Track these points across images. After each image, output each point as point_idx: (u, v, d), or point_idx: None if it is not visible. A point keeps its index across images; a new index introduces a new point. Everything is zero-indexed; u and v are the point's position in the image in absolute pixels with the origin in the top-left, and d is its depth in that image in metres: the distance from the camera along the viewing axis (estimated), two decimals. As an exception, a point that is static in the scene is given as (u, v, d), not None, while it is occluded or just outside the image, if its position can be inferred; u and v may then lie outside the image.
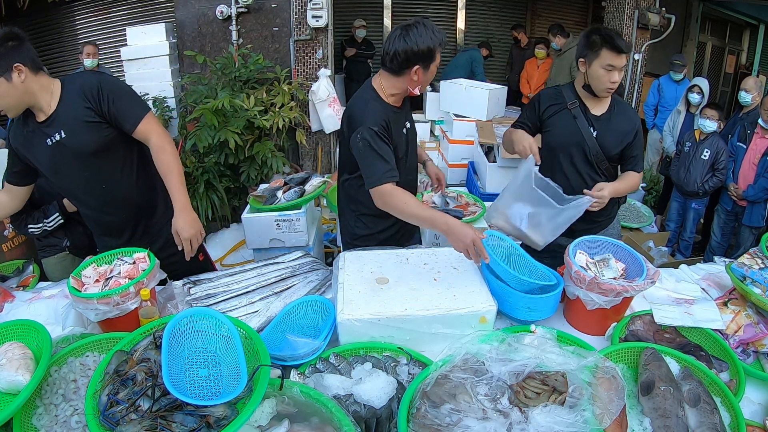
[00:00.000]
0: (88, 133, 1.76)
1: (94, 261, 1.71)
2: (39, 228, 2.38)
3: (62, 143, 1.76)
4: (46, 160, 1.80)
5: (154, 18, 5.32)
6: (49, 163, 1.80)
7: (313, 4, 4.60)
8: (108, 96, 1.74)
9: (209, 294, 1.76)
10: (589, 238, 1.80)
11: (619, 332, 1.60)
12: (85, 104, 1.73)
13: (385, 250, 1.80)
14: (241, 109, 4.37)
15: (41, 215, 2.38)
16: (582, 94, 2.14)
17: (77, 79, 1.79)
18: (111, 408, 1.09)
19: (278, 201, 2.61)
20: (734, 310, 1.66)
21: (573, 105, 2.12)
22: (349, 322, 1.45)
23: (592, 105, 2.14)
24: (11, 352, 1.23)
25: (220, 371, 1.19)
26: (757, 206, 3.63)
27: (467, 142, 5.06)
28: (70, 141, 1.76)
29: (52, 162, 1.80)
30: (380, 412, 1.24)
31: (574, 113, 2.12)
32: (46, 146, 1.76)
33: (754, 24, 7.91)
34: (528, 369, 1.24)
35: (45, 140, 1.76)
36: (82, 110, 1.74)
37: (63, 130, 1.74)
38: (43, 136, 1.76)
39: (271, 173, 4.57)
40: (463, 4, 7.34)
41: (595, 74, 2.02)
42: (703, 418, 1.23)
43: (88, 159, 1.80)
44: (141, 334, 1.28)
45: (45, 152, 1.78)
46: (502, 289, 1.62)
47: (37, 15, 5.79)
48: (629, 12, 5.47)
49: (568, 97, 2.15)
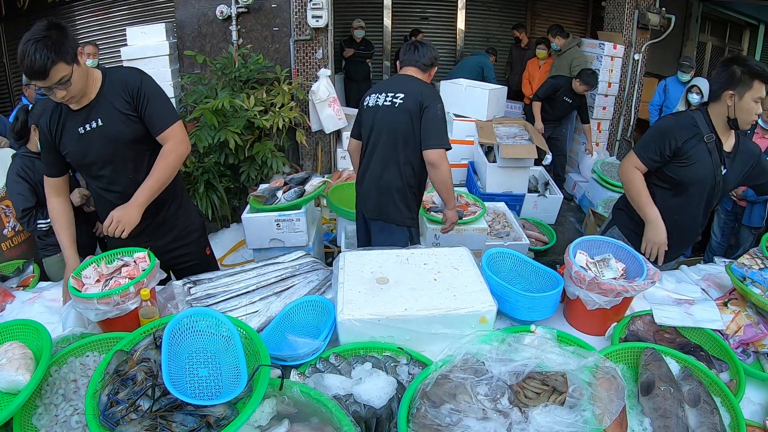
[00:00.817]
0: (123, 124, 1.82)
1: (94, 261, 1.71)
2: (48, 224, 2.37)
3: (97, 131, 1.81)
4: (74, 146, 1.83)
5: (154, 18, 5.32)
6: (77, 148, 1.83)
7: (313, 4, 4.60)
8: (146, 96, 1.82)
9: (209, 294, 1.77)
10: (589, 238, 1.80)
11: (619, 332, 1.60)
12: (125, 97, 1.81)
13: (385, 250, 1.80)
14: (241, 109, 4.37)
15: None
16: (719, 127, 2.00)
17: (121, 72, 1.88)
18: (111, 408, 1.09)
19: (278, 201, 2.61)
20: (734, 310, 1.67)
21: (710, 139, 1.99)
22: (349, 322, 1.45)
23: (724, 139, 2.03)
24: (11, 352, 1.23)
25: (220, 371, 1.19)
26: (757, 206, 3.62)
27: (467, 142, 5.06)
28: (106, 129, 1.81)
29: (82, 148, 1.83)
30: (380, 412, 1.24)
31: (709, 147, 1.99)
32: (78, 133, 1.81)
33: (754, 24, 7.91)
34: (528, 369, 1.24)
35: (78, 127, 1.81)
36: (121, 102, 1.81)
37: (100, 118, 1.80)
38: (77, 123, 1.81)
39: (271, 173, 4.56)
40: (463, 4, 7.34)
41: (746, 107, 1.92)
42: (703, 418, 1.23)
43: (120, 148, 1.85)
44: (141, 334, 1.28)
45: (75, 139, 1.82)
46: (502, 288, 1.62)
47: (37, 15, 5.79)
48: (629, 12, 5.47)
49: (703, 129, 2.00)
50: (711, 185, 2.04)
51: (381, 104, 2.42)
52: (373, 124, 2.44)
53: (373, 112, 2.44)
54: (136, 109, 1.82)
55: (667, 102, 5.17)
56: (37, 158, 2.41)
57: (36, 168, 2.39)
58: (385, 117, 2.40)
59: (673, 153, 2.01)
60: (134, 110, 1.82)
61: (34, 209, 2.37)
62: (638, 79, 5.71)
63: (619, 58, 5.47)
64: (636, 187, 2.07)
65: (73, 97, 1.73)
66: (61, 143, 1.84)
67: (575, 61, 5.26)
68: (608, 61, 5.42)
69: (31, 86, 3.81)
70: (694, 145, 1.99)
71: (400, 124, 2.36)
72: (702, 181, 2.03)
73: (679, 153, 2.01)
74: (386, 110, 2.40)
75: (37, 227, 2.37)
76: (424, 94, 2.36)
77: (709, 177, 2.02)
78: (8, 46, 6.00)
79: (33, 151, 2.41)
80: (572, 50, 5.34)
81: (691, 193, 2.06)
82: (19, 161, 2.40)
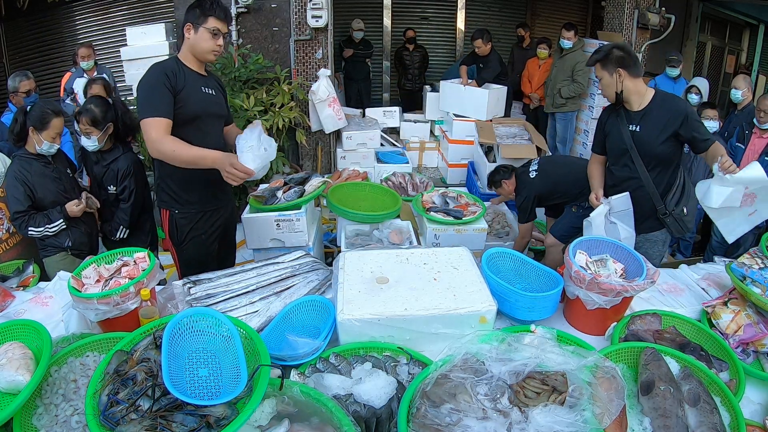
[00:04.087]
0: (224, 103, 2.30)
1: (94, 261, 1.71)
2: (40, 232, 2.39)
3: (211, 97, 2.17)
4: (197, 98, 2.10)
5: (154, 18, 5.32)
6: (199, 100, 2.10)
7: (313, 4, 4.60)
8: (227, 95, 2.38)
9: (209, 294, 1.77)
10: (589, 238, 1.80)
11: (619, 332, 1.60)
12: (220, 87, 2.30)
13: (385, 250, 1.80)
14: (240, 109, 4.37)
15: (44, 220, 2.39)
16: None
17: (211, 72, 2.31)
18: (111, 408, 1.09)
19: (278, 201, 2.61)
20: (734, 310, 1.66)
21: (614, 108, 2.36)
22: (349, 321, 1.45)
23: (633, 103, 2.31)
24: (11, 352, 1.23)
25: (220, 371, 1.19)
26: (758, 206, 3.62)
27: (467, 142, 5.06)
28: (216, 99, 2.21)
29: (202, 102, 2.12)
30: (380, 412, 1.24)
31: (618, 114, 2.33)
32: (201, 91, 2.13)
33: (754, 24, 7.91)
34: (528, 369, 1.24)
35: (201, 86, 2.13)
36: (220, 89, 2.28)
37: (213, 90, 2.19)
38: (200, 84, 2.13)
39: (271, 173, 4.56)
40: (463, 4, 7.34)
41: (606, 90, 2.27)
42: (703, 417, 1.23)
43: (219, 118, 2.26)
44: (141, 334, 1.28)
45: (199, 93, 2.11)
46: (502, 288, 1.62)
47: (37, 15, 5.79)
48: (629, 12, 5.47)
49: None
50: (628, 145, 2.25)
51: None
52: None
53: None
54: (225, 99, 2.31)
55: None
56: (35, 159, 2.41)
57: (33, 170, 2.39)
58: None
59: (603, 134, 2.40)
60: (225, 98, 2.31)
61: (26, 214, 2.37)
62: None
63: (619, 58, 5.46)
64: (589, 172, 2.52)
65: (220, 53, 2.12)
66: (186, 95, 2.05)
67: (578, 65, 5.24)
68: (608, 61, 5.41)
69: (18, 93, 3.78)
70: (606, 118, 2.38)
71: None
72: (616, 144, 2.30)
73: (603, 129, 2.39)
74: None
75: (28, 233, 2.38)
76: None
77: (619, 138, 2.28)
78: (8, 46, 6.00)
79: (31, 152, 2.41)
80: (576, 53, 5.30)
81: (621, 161, 2.32)
82: (16, 163, 2.41)
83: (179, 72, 2.05)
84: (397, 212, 2.77)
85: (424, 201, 2.97)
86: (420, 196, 3.02)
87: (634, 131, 2.24)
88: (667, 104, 2.21)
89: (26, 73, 3.87)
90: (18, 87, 3.77)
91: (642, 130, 2.22)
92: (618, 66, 2.18)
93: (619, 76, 2.19)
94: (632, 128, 2.25)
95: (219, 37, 2.05)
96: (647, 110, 2.22)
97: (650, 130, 2.20)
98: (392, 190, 3.15)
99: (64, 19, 5.85)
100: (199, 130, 2.11)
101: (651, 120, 2.20)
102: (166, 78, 1.98)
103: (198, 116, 2.10)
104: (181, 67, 2.08)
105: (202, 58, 2.12)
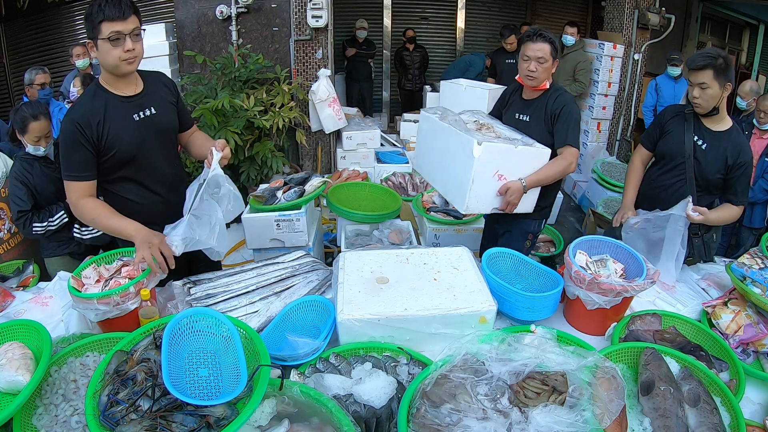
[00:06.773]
0: (171, 113, 1.95)
1: (94, 261, 1.71)
2: (43, 227, 2.38)
3: (151, 118, 1.86)
4: (130, 133, 1.80)
5: (154, 18, 5.31)
6: (133, 136, 1.81)
7: (313, 4, 4.60)
8: (179, 94, 2.03)
9: (209, 294, 1.76)
10: (589, 238, 1.80)
11: (619, 332, 1.60)
12: (167, 89, 1.96)
13: (385, 250, 1.80)
14: (240, 109, 4.37)
15: (46, 214, 2.39)
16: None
17: (152, 73, 1.97)
18: (111, 408, 1.09)
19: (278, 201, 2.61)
20: (734, 310, 1.67)
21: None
22: (349, 322, 1.45)
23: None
24: (11, 352, 1.23)
25: (220, 371, 1.19)
26: (758, 207, 3.62)
27: (467, 142, 5.05)
28: (159, 117, 1.88)
29: (138, 135, 1.82)
30: (380, 412, 1.24)
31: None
32: (133, 120, 1.81)
33: (754, 24, 7.91)
34: (528, 369, 1.24)
35: (132, 114, 1.81)
36: (167, 93, 1.95)
37: (153, 107, 1.86)
38: (132, 110, 1.81)
39: (271, 173, 4.56)
40: (463, 4, 7.34)
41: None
42: (703, 418, 1.23)
43: (169, 136, 1.96)
44: (141, 334, 1.28)
45: (131, 125, 1.80)
46: (502, 288, 1.62)
47: (37, 15, 5.79)
48: (629, 12, 5.47)
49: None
50: (687, 155, 2.16)
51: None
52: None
53: None
54: (174, 102, 1.96)
55: (660, 100, 5.16)
56: (36, 161, 2.42)
57: (35, 171, 2.39)
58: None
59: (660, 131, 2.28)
60: (173, 104, 1.96)
61: (29, 212, 2.37)
62: (638, 79, 5.71)
63: (618, 58, 5.46)
64: (628, 175, 2.40)
65: (135, 58, 1.72)
66: (113, 129, 1.75)
67: (580, 65, 5.23)
68: (608, 61, 5.42)
69: (34, 86, 3.81)
70: (669, 117, 2.26)
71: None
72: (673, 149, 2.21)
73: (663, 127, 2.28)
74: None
75: (33, 230, 2.38)
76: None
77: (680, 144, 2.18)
78: (8, 46, 6.00)
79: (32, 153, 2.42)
80: (577, 53, 5.31)
81: (670, 165, 2.23)
82: (18, 165, 2.41)
83: (99, 110, 1.73)
84: (397, 212, 2.77)
85: (424, 201, 2.97)
86: (420, 196, 3.02)
87: (700, 146, 2.12)
88: (739, 145, 2.08)
89: (43, 68, 3.95)
90: (33, 79, 3.83)
91: (708, 151, 2.10)
92: (729, 81, 1.99)
93: (725, 90, 2.01)
94: (699, 142, 2.12)
95: (122, 41, 1.64)
96: (722, 136, 2.10)
97: (716, 156, 2.09)
98: (392, 190, 3.15)
99: (64, 19, 5.85)
100: (141, 168, 1.87)
101: (720, 148, 2.09)
102: (79, 133, 1.69)
103: (134, 156, 1.82)
104: (102, 100, 1.75)
105: (117, 73, 1.73)
